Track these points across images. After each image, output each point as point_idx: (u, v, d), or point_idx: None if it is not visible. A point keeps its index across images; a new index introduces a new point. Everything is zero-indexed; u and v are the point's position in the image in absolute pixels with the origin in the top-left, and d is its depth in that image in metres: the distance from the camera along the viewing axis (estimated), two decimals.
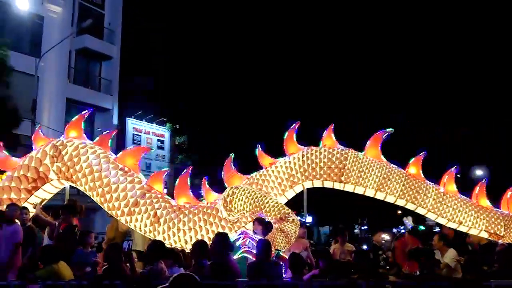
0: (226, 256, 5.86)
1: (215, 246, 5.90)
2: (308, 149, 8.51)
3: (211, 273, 5.58)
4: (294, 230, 7.25)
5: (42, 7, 24.23)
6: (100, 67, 28.16)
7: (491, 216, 8.35)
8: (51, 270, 5.84)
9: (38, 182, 8.15)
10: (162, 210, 7.67)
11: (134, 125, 28.23)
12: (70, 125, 8.56)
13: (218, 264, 5.69)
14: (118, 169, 7.90)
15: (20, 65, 20.09)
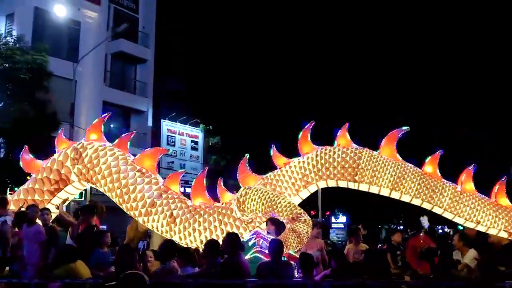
0: (237, 255, 5.92)
1: (226, 246, 6.01)
2: (322, 149, 8.45)
3: (221, 272, 5.66)
4: (306, 230, 7.22)
5: (79, 13, 24.90)
6: (135, 70, 28.71)
7: (510, 215, 8.03)
8: (69, 269, 6.00)
9: (60, 184, 8.40)
10: (178, 210, 7.80)
11: (168, 126, 28.64)
12: (90, 128, 8.74)
13: (228, 263, 5.77)
14: (135, 171, 8.07)
15: (59, 70, 20.69)
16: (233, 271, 5.64)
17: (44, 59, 18.64)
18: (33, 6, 23.25)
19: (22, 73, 17.61)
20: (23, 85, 17.84)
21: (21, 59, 17.77)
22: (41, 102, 18.54)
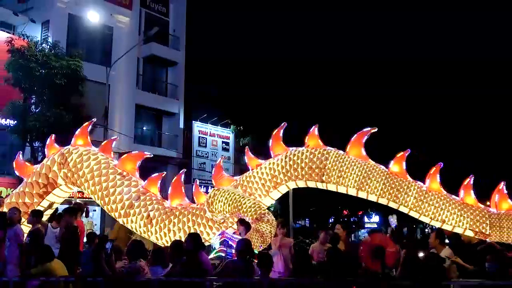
0: (197, 254, 6.08)
1: (187, 246, 6.22)
2: (291, 150, 8.56)
3: (183, 271, 5.87)
4: (270, 230, 7.37)
5: (111, 18, 25.41)
6: (166, 73, 29.06)
7: (476, 214, 7.89)
8: (45, 268, 6.39)
9: (48, 187, 8.88)
10: (155, 211, 8.11)
11: (199, 128, 28.90)
12: (77, 134, 9.15)
13: (189, 262, 5.97)
14: (116, 174, 8.44)
15: (92, 75, 21.13)
16: (194, 270, 5.84)
17: (79, 64, 19.05)
18: (67, 13, 23.85)
19: (57, 79, 18.06)
20: (59, 90, 18.30)
21: (57, 65, 18.23)
22: (76, 106, 18.97)
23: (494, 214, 7.94)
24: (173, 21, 29.20)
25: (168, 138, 27.83)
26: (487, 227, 7.75)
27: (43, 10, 23.94)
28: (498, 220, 7.88)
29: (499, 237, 7.83)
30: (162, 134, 28.02)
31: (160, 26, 25.22)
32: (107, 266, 6.10)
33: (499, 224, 7.81)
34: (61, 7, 23.76)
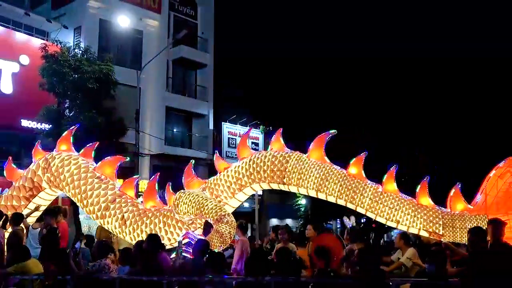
0: (157, 255, 6.49)
1: (146, 246, 6.60)
2: (255, 154, 8.93)
3: (143, 270, 6.25)
4: (229, 231, 7.75)
5: (141, 22, 25.82)
6: (195, 75, 29.33)
7: (429, 214, 7.95)
8: (21, 266, 6.88)
9: (34, 190, 9.40)
10: (129, 213, 8.55)
11: (229, 129, 29.04)
12: (60, 140, 9.62)
13: (148, 262, 6.36)
14: (94, 177, 8.91)
15: (123, 78, 21.49)
16: (152, 269, 6.23)
17: (110, 68, 19.39)
18: (99, 18, 24.37)
19: (89, 83, 18.43)
20: (91, 94, 18.68)
21: (89, 69, 18.60)
22: (108, 110, 19.29)
23: (447, 215, 7.99)
24: (201, 24, 29.45)
25: (198, 140, 28.07)
26: (440, 228, 7.83)
27: (75, 16, 24.52)
28: (451, 220, 7.94)
29: (453, 237, 7.89)
30: (192, 136, 28.28)
31: (189, 28, 25.47)
32: (75, 265, 6.59)
33: (452, 224, 7.89)
34: (92, 13, 24.29)
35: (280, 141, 8.95)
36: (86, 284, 6.35)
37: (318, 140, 8.71)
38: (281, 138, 8.98)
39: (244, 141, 9.27)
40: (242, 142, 9.26)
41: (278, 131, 9.03)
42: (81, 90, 18.65)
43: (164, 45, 24.48)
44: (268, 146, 9.35)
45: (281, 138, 8.98)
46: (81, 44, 20.78)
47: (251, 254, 7.49)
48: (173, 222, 8.38)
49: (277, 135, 9.03)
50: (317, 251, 7.09)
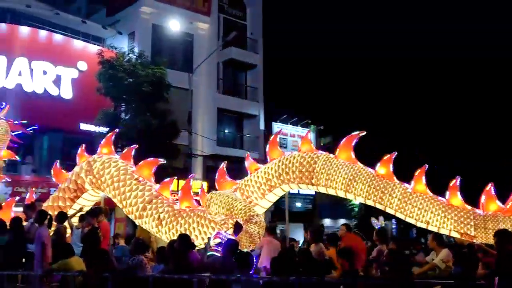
0: (187, 254, 6.81)
1: (177, 246, 6.93)
2: (285, 155, 9.02)
3: (174, 269, 6.54)
4: (258, 231, 7.95)
5: (191, 26, 26.27)
6: (245, 76, 29.51)
7: (460, 215, 7.73)
8: (64, 263, 7.32)
9: (78, 192, 9.91)
10: (165, 214, 8.86)
11: (279, 129, 28.98)
12: (102, 144, 10.03)
13: (179, 261, 6.67)
14: (133, 179, 9.30)
15: (176, 81, 21.86)
16: (183, 268, 6.51)
17: (163, 72, 19.83)
18: (151, 23, 25.01)
19: (144, 87, 18.93)
20: (145, 97, 19.17)
21: (143, 73, 19.11)
22: (161, 112, 19.69)
23: (479, 216, 7.76)
24: (250, 24, 29.58)
25: (249, 140, 28.21)
26: (472, 229, 7.63)
27: (129, 22, 25.28)
28: (484, 221, 7.72)
29: (485, 239, 7.65)
30: (244, 136, 28.46)
31: (238, 30, 25.67)
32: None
33: (484, 226, 7.68)
34: (145, 19, 24.95)
35: (309, 142, 9.11)
36: (125, 280, 6.68)
37: (347, 140, 8.74)
38: (310, 140, 9.13)
39: (274, 142, 9.37)
40: (271, 143, 9.35)
41: (307, 132, 9.27)
42: (135, 94, 19.17)
43: (214, 47, 24.77)
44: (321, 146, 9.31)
45: (310, 140, 9.13)
46: (135, 49, 21.34)
47: (278, 254, 7.55)
48: (206, 222, 8.62)
49: (306, 137, 9.21)
50: (339, 251, 7.12)
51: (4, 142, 11.01)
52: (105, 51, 20.14)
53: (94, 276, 6.72)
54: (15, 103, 21.21)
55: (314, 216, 28.42)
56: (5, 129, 11.00)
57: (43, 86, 21.79)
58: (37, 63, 21.76)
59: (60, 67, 22.30)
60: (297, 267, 6.63)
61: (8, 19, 22.70)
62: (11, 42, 21.85)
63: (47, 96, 21.80)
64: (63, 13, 24.24)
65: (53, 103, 21.78)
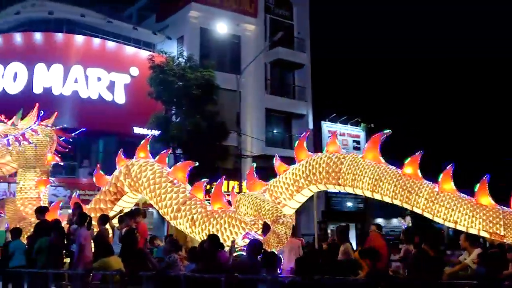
0: (216, 254, 7.07)
1: (206, 246, 7.23)
2: (312, 156, 9.09)
3: (203, 268, 6.83)
4: (285, 231, 8.12)
5: (238, 27, 26.48)
6: (293, 76, 29.42)
7: (489, 215, 7.47)
8: (103, 262, 7.80)
9: (118, 194, 10.42)
10: (198, 214, 9.17)
11: (329, 128, 28.72)
12: (139, 148, 10.48)
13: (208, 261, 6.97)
14: (168, 182, 9.67)
15: (224, 83, 22.16)
16: (212, 267, 6.77)
17: (211, 74, 20.10)
18: (199, 27, 25.41)
19: (193, 89, 19.26)
20: (195, 100, 19.50)
21: (192, 76, 19.45)
22: (211, 114, 19.98)
23: (509, 215, 7.48)
24: (297, 24, 29.46)
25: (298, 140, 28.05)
26: (501, 228, 7.37)
27: (178, 27, 25.81)
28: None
29: None
30: (292, 136, 28.41)
31: (285, 30, 25.62)
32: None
33: None
34: (193, 23, 25.39)
35: (336, 143, 9.17)
36: (159, 278, 7.04)
37: (373, 140, 8.81)
38: (336, 141, 9.22)
39: (301, 144, 9.46)
40: (299, 145, 9.48)
41: (333, 134, 9.33)
42: (185, 97, 19.54)
43: (261, 48, 24.85)
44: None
45: (336, 141, 9.22)
46: (184, 53, 21.79)
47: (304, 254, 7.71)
48: (237, 223, 8.86)
49: (333, 138, 9.29)
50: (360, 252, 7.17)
51: (49, 148, 11.49)
52: (156, 56, 20.64)
53: (130, 275, 7.16)
54: (72, 109, 22.25)
55: (366, 215, 27.90)
56: (50, 136, 11.54)
57: (97, 92, 22.64)
58: (91, 70, 22.63)
59: (113, 73, 23.08)
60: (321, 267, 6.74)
61: (64, 29, 23.73)
62: (67, 51, 22.84)
63: (102, 102, 22.63)
64: (116, 21, 25.07)
65: (107, 108, 22.58)
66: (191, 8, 25.26)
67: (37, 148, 11.18)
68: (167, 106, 20.80)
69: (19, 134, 11.08)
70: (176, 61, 20.36)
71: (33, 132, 11.15)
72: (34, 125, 11.30)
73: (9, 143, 11.03)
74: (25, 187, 11.28)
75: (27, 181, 11.31)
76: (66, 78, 22.18)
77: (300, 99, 28.73)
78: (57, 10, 23.72)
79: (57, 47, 22.93)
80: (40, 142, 11.26)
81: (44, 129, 11.45)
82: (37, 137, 11.19)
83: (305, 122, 28.34)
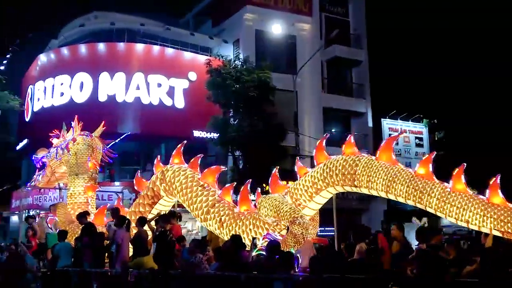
0: (238, 253, 7.60)
1: (229, 246, 7.76)
2: (330, 159, 9.34)
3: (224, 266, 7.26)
4: (301, 232, 8.51)
5: (293, 27, 26.42)
6: (350, 73, 28.98)
7: (500, 213, 7.45)
8: (138, 261, 8.56)
9: (155, 198, 11.06)
10: (225, 216, 9.70)
11: (389, 125, 28.04)
12: (173, 155, 11.09)
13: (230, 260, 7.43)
14: (198, 186, 10.26)
15: (280, 84, 22.18)
16: (233, 266, 7.19)
17: (268, 75, 20.20)
18: (254, 29, 25.59)
19: (250, 91, 19.42)
20: (252, 101, 19.66)
21: (248, 78, 19.62)
22: (268, 115, 20.10)
23: None
24: (353, 20, 28.99)
25: (357, 138, 27.57)
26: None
27: (234, 31, 26.14)
28: None
29: None
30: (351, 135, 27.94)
31: (340, 27, 25.25)
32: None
33: None
34: (248, 25, 25.61)
35: (352, 145, 9.37)
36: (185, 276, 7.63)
37: (387, 142, 9.11)
38: (353, 142, 9.43)
39: (321, 147, 9.71)
40: (318, 148, 9.75)
41: (350, 136, 9.55)
42: (243, 99, 19.74)
43: (317, 47, 24.64)
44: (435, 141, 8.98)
45: (353, 142, 9.43)
46: (240, 55, 21.99)
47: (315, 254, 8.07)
48: (261, 224, 9.34)
49: (349, 140, 9.46)
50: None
51: (89, 156, 12.32)
52: (213, 60, 21.00)
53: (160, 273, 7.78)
54: (134, 115, 23.13)
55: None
56: (89, 144, 12.35)
57: (158, 97, 23.36)
58: (152, 77, 23.39)
59: (173, 79, 23.73)
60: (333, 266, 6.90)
61: (125, 38, 24.69)
62: (129, 59, 23.75)
63: (162, 107, 23.33)
64: (173, 28, 25.78)
65: (167, 113, 23.25)
66: (246, 11, 25.49)
67: (78, 157, 12.14)
68: (224, 109, 21.11)
69: (64, 145, 12.21)
70: (233, 64, 20.62)
71: (73, 142, 12.17)
72: (74, 135, 12.35)
73: (57, 154, 12.25)
74: (75, 193, 12.24)
75: (76, 187, 12.27)
76: (128, 86, 23.06)
77: (359, 96, 28.23)
78: (118, 21, 24.74)
79: (120, 56, 23.90)
80: (79, 151, 12.21)
81: (85, 138, 12.36)
82: (77, 147, 12.18)
83: (364, 120, 27.83)
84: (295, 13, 26.66)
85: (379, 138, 27.34)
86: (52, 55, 25.34)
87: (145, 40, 24.83)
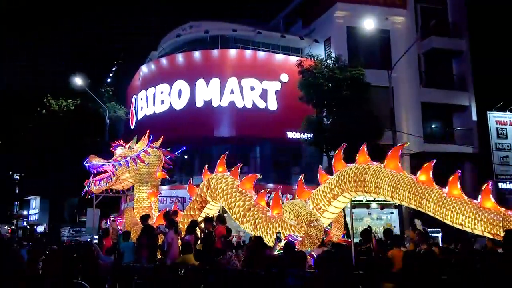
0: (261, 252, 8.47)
1: (252, 245, 8.93)
2: (345, 168, 10.02)
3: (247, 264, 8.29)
4: (316, 234, 9.45)
5: (387, 22, 25.55)
6: (450, 65, 27.39)
7: (490, 217, 8.00)
8: (182, 258, 9.51)
9: (203, 203, 12.25)
10: (259, 219, 10.62)
11: (496, 118, 26.02)
12: (218, 164, 12.08)
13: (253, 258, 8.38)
14: (237, 192, 11.26)
15: (374, 80, 21.55)
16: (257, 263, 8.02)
17: (361, 72, 19.74)
18: (345, 26, 25.15)
19: (343, 90, 19.09)
20: (346, 100, 19.29)
21: (341, 77, 19.31)
22: (363, 113, 19.55)
23: (508, 217, 7.87)
24: (451, 9, 27.36)
25: (461, 134, 26.03)
26: (501, 230, 7.80)
27: (324, 29, 25.89)
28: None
29: None
30: (454, 130, 26.41)
31: (437, 17, 23.99)
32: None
33: None
34: (339, 23, 25.23)
35: (365, 154, 9.90)
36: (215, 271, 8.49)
37: (393, 151, 9.62)
38: (365, 151, 9.92)
39: (339, 156, 10.32)
40: (336, 156, 10.38)
41: (363, 145, 9.97)
42: (336, 98, 19.46)
43: (412, 40, 23.60)
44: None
45: (365, 151, 9.92)
46: (332, 54, 21.72)
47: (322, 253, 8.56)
48: (288, 226, 10.15)
49: (362, 150, 9.95)
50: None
51: (158, 166, 13.75)
52: (304, 61, 20.95)
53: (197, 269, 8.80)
54: (229, 119, 23.78)
55: None
56: (158, 156, 13.75)
57: (251, 100, 23.81)
58: (245, 81, 23.90)
59: (265, 81, 24.05)
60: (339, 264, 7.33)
61: (219, 45, 25.48)
62: (223, 65, 24.47)
63: (256, 110, 23.73)
64: (264, 31, 26.14)
65: (261, 115, 23.60)
66: (337, 9, 25.13)
67: (149, 166, 13.53)
68: (318, 109, 20.94)
69: (135, 155, 13.40)
70: (325, 63, 20.42)
71: (146, 153, 13.44)
72: (146, 148, 13.61)
73: (128, 163, 13.36)
74: (140, 198, 13.63)
75: (141, 193, 13.63)
76: (223, 91, 23.76)
77: (461, 89, 26.57)
78: (211, 29, 25.60)
79: (214, 63, 24.72)
80: (151, 162, 13.59)
81: (154, 150, 13.73)
82: (149, 158, 13.51)
83: (468, 113, 26.16)
84: (389, 6, 25.78)
85: (485, 133, 25.49)
86: (153, 66, 26.87)
87: (238, 45, 25.44)
